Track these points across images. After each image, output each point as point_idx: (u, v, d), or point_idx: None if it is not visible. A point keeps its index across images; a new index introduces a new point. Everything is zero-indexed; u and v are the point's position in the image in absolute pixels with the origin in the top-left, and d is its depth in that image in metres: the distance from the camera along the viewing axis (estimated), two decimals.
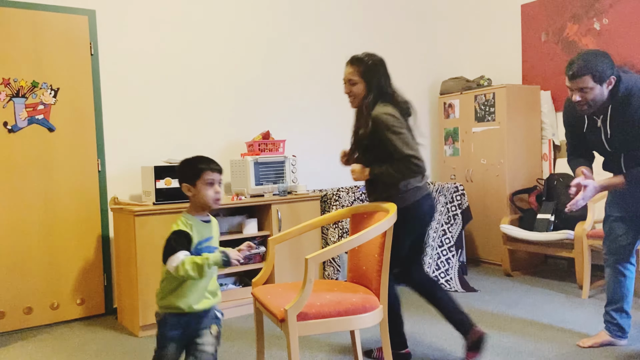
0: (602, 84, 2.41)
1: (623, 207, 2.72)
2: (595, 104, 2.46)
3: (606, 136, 2.56)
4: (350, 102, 2.60)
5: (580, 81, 2.40)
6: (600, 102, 2.46)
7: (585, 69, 2.39)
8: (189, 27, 4.07)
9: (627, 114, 2.44)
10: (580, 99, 2.45)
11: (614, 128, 2.51)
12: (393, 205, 2.35)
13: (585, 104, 2.47)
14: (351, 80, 2.55)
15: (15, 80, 3.46)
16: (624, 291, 2.78)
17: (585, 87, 2.40)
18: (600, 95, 2.43)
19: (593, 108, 2.48)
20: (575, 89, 2.45)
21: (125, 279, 3.45)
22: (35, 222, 3.53)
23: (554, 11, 4.75)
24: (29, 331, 3.46)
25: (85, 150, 3.68)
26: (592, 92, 2.41)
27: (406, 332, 2.87)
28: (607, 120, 2.52)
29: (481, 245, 4.94)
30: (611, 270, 2.81)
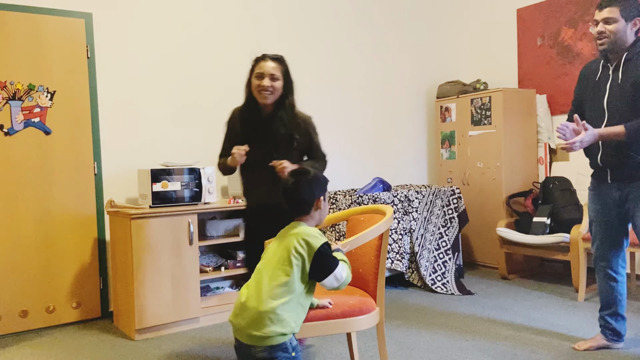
0: (628, 22, 2.48)
1: (602, 210, 2.73)
2: (615, 40, 2.50)
3: (612, 85, 2.55)
4: (266, 97, 2.56)
5: (608, 11, 2.48)
6: (621, 43, 2.51)
7: (614, 1, 2.47)
8: (186, 30, 4.08)
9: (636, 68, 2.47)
10: (604, 29, 2.50)
11: (622, 76, 2.52)
12: (389, 207, 2.35)
13: (606, 37, 2.51)
14: (274, 76, 2.57)
15: (11, 83, 3.45)
16: (617, 295, 2.78)
17: (611, 17, 2.47)
18: (623, 33, 2.49)
19: (613, 44, 2.51)
20: (600, 20, 2.51)
21: (121, 282, 3.44)
22: (31, 225, 3.52)
23: (550, 15, 4.78)
24: (25, 334, 3.44)
25: (82, 153, 3.68)
26: (616, 25, 2.47)
27: (400, 343, 2.86)
28: (619, 67, 2.55)
29: (478, 249, 4.95)
30: (602, 276, 2.81)
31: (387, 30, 5.19)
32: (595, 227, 2.79)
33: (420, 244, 4.20)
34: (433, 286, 4.13)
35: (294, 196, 1.90)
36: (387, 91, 5.19)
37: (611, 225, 2.72)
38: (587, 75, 2.74)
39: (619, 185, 2.63)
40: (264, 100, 2.58)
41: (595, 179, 2.77)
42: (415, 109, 5.40)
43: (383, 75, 5.16)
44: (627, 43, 2.52)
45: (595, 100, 2.65)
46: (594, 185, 2.78)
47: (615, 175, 2.62)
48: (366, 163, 5.04)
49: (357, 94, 5.01)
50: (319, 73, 4.75)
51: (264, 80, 2.54)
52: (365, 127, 5.05)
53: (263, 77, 2.55)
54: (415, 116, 5.39)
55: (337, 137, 4.86)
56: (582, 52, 4.55)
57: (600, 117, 2.61)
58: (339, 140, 4.87)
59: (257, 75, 2.57)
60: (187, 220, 3.41)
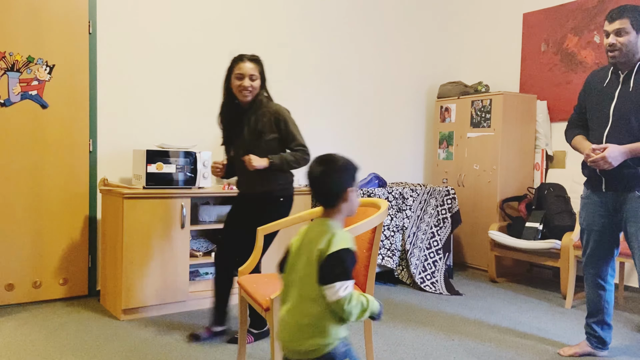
0: (638, 32, 2.48)
1: (595, 219, 2.72)
2: (627, 51, 2.50)
3: (622, 91, 2.55)
4: (246, 96, 2.79)
5: (618, 23, 2.48)
6: (632, 54, 2.51)
7: (625, 12, 2.48)
8: (188, 13, 4.04)
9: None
10: (615, 42, 2.50)
11: (635, 84, 2.51)
12: (384, 201, 2.34)
13: (618, 49, 2.50)
14: (253, 76, 2.77)
15: (10, 54, 3.41)
16: (604, 303, 2.79)
17: (621, 28, 2.48)
18: (634, 44, 2.49)
19: (623, 57, 2.52)
20: (611, 32, 2.51)
21: (110, 261, 3.42)
22: (22, 198, 3.49)
23: (556, 22, 4.77)
24: (9, 308, 3.42)
25: (78, 129, 3.64)
26: (627, 37, 2.48)
27: (386, 339, 2.86)
28: (631, 75, 2.55)
29: (468, 250, 4.96)
30: (591, 284, 2.82)
31: (391, 28, 5.17)
32: (586, 236, 2.79)
33: (411, 242, 4.21)
34: (422, 285, 4.14)
35: (321, 186, 1.64)
36: (387, 88, 5.17)
37: (603, 234, 2.72)
38: (593, 81, 2.74)
39: (613, 195, 2.63)
40: (245, 98, 2.80)
41: (588, 187, 2.76)
42: (415, 107, 5.39)
43: (384, 72, 5.14)
44: (638, 54, 2.53)
45: (600, 106, 2.64)
46: (587, 193, 2.77)
47: (610, 184, 2.62)
48: (363, 158, 5.03)
49: (357, 89, 4.99)
50: (321, 68, 4.73)
51: (245, 81, 2.76)
52: (363, 122, 5.03)
53: (243, 78, 2.76)
54: (415, 115, 5.38)
55: (335, 131, 4.84)
56: (586, 60, 4.54)
57: (605, 122, 2.61)
58: (337, 134, 4.86)
59: (237, 76, 2.77)
60: (180, 204, 3.39)
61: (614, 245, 2.75)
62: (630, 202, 2.56)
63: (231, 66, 2.81)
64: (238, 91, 2.79)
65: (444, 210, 4.42)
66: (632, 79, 2.54)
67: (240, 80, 2.76)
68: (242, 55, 2.81)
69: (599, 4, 4.45)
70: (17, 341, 2.86)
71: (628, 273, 4.11)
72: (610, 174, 2.57)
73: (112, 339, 2.93)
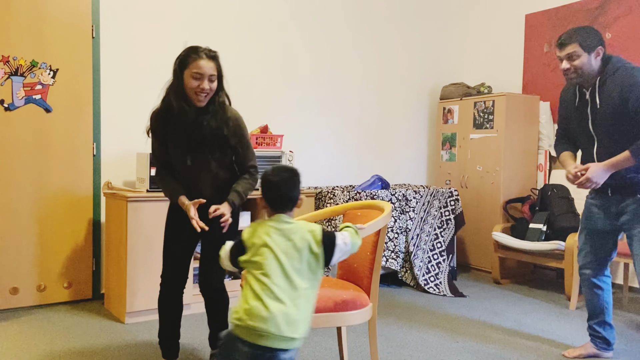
0: (590, 53, 2.52)
1: (597, 220, 2.74)
2: (583, 72, 2.55)
3: (592, 110, 2.59)
4: (202, 100, 2.29)
5: (569, 48, 2.54)
6: (589, 73, 2.56)
7: (573, 37, 2.53)
8: (191, 17, 4.05)
9: (612, 88, 2.51)
10: (569, 66, 2.55)
11: (600, 101, 2.55)
12: (388, 204, 2.34)
13: (573, 72, 2.56)
14: (212, 77, 2.28)
15: (14, 59, 3.43)
16: (603, 304, 2.79)
17: (572, 53, 2.52)
18: (589, 65, 2.53)
19: (582, 77, 2.57)
20: (564, 57, 2.57)
21: (114, 264, 3.43)
22: (27, 202, 3.50)
23: (558, 23, 4.77)
24: (14, 312, 3.43)
25: (81, 133, 3.66)
26: (580, 60, 2.52)
27: (390, 340, 2.86)
28: (595, 92, 2.58)
29: (472, 252, 4.95)
30: (588, 285, 2.82)
31: (394, 29, 5.17)
32: (585, 236, 2.81)
33: (415, 243, 4.20)
34: (426, 286, 4.13)
35: (283, 193, 1.79)
36: (389, 90, 5.18)
37: (604, 236, 2.74)
38: (566, 100, 2.79)
39: (617, 198, 2.65)
40: (200, 103, 2.30)
41: (594, 189, 2.77)
42: (418, 108, 5.39)
43: (387, 73, 5.14)
44: (595, 72, 2.57)
45: (581, 126, 2.68)
46: (593, 195, 2.79)
47: (615, 189, 2.64)
48: (365, 160, 5.04)
49: (359, 90, 4.99)
50: (323, 70, 4.74)
51: (204, 83, 2.25)
52: (366, 124, 5.04)
53: (202, 79, 2.25)
54: (417, 116, 5.38)
55: (338, 132, 4.85)
56: None
57: (591, 141, 2.66)
58: (339, 136, 4.86)
59: (194, 76, 2.25)
60: None
61: (613, 248, 2.77)
62: (632, 205, 2.58)
63: (185, 60, 2.28)
64: (194, 93, 2.27)
65: (447, 211, 4.41)
66: (596, 97, 2.58)
67: (198, 81, 2.25)
68: (198, 49, 2.28)
69: (602, 5, 4.45)
70: (22, 345, 2.86)
71: (632, 274, 4.09)
72: (615, 179, 2.57)
73: (117, 342, 2.93)
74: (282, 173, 1.83)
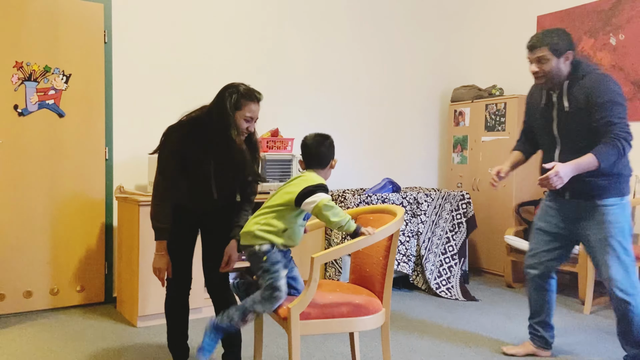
0: (560, 57, 2.51)
1: (551, 222, 2.73)
2: (552, 76, 2.54)
3: (558, 112, 2.59)
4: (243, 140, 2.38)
5: (538, 51, 2.52)
6: (557, 77, 2.55)
7: (543, 41, 2.51)
8: (202, 22, 4.07)
9: (580, 92, 2.50)
10: (538, 69, 2.54)
11: (567, 104, 2.54)
12: (400, 208, 2.33)
13: (542, 76, 2.55)
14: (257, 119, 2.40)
15: (28, 64, 3.46)
16: (546, 304, 2.82)
17: (542, 56, 2.51)
18: (557, 69, 2.52)
19: (550, 81, 2.56)
20: (533, 60, 2.56)
21: (126, 268, 3.44)
22: (40, 206, 3.53)
23: (570, 24, 4.72)
24: (28, 315, 3.46)
25: (94, 137, 3.68)
26: (549, 64, 2.51)
27: (402, 346, 2.84)
28: (562, 95, 2.57)
29: (484, 255, 4.91)
30: (533, 284, 2.82)
31: (404, 32, 5.16)
32: (537, 236, 2.79)
33: (427, 247, 4.18)
34: (437, 290, 4.10)
35: (309, 151, 2.27)
36: (400, 92, 5.16)
37: (557, 240, 2.72)
38: (533, 101, 2.77)
39: (575, 203, 2.63)
40: (241, 142, 2.36)
41: (552, 193, 2.78)
42: (429, 111, 5.36)
43: (397, 76, 5.13)
44: (563, 75, 2.56)
45: (545, 128, 2.67)
46: (550, 198, 2.78)
47: (574, 193, 2.62)
48: (376, 163, 5.02)
49: (370, 93, 4.98)
50: (333, 72, 4.73)
51: (252, 125, 2.37)
52: (376, 127, 5.02)
53: (252, 121, 2.36)
54: (428, 119, 5.36)
55: (348, 136, 4.84)
56: (602, 63, 4.49)
57: (553, 143, 2.65)
58: (350, 139, 4.85)
59: (246, 119, 2.33)
60: None
61: (564, 253, 2.76)
62: (590, 211, 2.57)
63: (239, 102, 2.32)
64: (241, 132, 2.35)
65: (459, 215, 4.38)
66: (563, 99, 2.57)
67: (248, 123, 2.35)
68: (255, 95, 2.35)
69: (615, 6, 4.40)
70: (36, 348, 2.88)
71: None
72: (574, 183, 2.54)
73: (129, 346, 2.94)
74: (315, 136, 2.29)
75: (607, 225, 2.52)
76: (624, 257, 2.51)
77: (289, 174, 3.94)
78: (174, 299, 2.53)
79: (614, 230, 2.51)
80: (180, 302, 2.54)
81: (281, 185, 2.26)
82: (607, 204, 2.53)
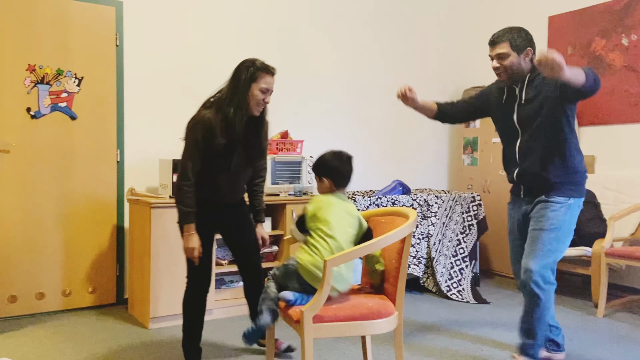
0: (520, 54, 2.52)
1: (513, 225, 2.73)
2: (512, 72, 2.54)
3: (519, 104, 2.59)
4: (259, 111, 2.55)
5: (499, 47, 2.54)
6: (519, 72, 2.55)
7: (503, 37, 2.54)
8: (213, 24, 4.08)
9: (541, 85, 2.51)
10: (499, 65, 2.55)
11: (528, 96, 2.56)
12: (413, 211, 2.32)
13: (503, 72, 2.56)
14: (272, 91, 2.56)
15: (40, 67, 3.48)
16: None
17: (502, 53, 2.52)
18: (518, 65, 2.53)
19: (511, 77, 2.57)
20: (494, 56, 2.57)
21: (137, 270, 3.46)
22: (52, 208, 3.55)
23: (582, 25, 4.69)
24: (40, 316, 3.48)
25: (106, 140, 3.70)
26: (509, 60, 2.52)
27: (414, 349, 2.82)
28: (523, 87, 2.58)
29: (495, 257, 4.88)
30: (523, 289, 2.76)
31: (414, 33, 5.14)
32: (511, 243, 2.80)
33: (437, 249, 4.16)
34: (448, 293, 4.08)
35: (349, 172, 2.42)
36: None
37: (523, 239, 2.70)
38: (492, 95, 2.77)
39: (528, 200, 2.65)
40: (257, 113, 2.55)
41: (511, 193, 2.79)
42: None
43: (407, 77, 5.11)
44: (524, 71, 2.57)
45: (505, 122, 2.68)
46: (511, 199, 2.80)
47: (527, 190, 2.65)
48: (386, 165, 5.01)
49: (379, 94, 4.97)
50: (343, 74, 4.73)
51: (268, 97, 2.52)
52: (386, 129, 5.01)
53: (267, 93, 2.51)
54: None
55: (357, 137, 4.83)
56: (614, 63, 4.45)
57: (515, 136, 2.65)
58: (359, 141, 4.84)
59: (262, 90, 2.49)
60: None
61: None
62: (537, 205, 2.59)
63: (254, 74, 2.48)
64: (256, 104, 2.50)
65: (469, 217, 4.36)
66: (524, 91, 2.58)
67: (264, 95, 2.50)
68: (267, 66, 2.53)
69: (627, 6, 4.36)
70: (48, 350, 2.90)
71: None
72: (527, 180, 2.61)
73: (141, 348, 2.95)
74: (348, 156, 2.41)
75: (545, 220, 2.52)
76: (549, 254, 2.50)
77: (299, 176, 3.94)
78: (194, 298, 2.60)
79: (549, 226, 2.51)
80: (199, 301, 2.61)
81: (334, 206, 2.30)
82: (553, 201, 2.53)
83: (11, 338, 3.07)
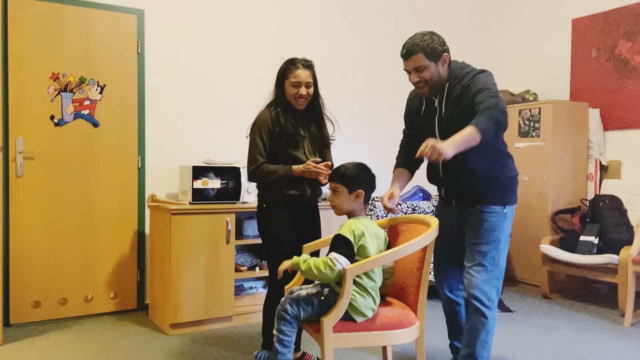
0: (437, 62, 2.36)
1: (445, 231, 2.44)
2: (433, 83, 2.38)
3: (440, 116, 2.43)
4: (302, 104, 2.65)
5: (414, 60, 2.34)
6: (439, 82, 2.39)
7: (416, 47, 2.33)
8: (233, 32, 4.10)
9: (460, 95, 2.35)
10: (418, 79, 2.38)
11: (447, 107, 2.40)
12: (434, 219, 2.28)
13: (424, 85, 2.38)
14: (309, 83, 2.62)
15: (64, 75, 3.54)
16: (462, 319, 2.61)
17: (419, 65, 2.34)
18: (437, 74, 2.37)
19: (433, 89, 2.40)
20: (411, 70, 2.39)
21: (158, 276, 3.47)
22: (74, 214, 3.59)
23: (606, 27, 4.59)
24: (63, 322, 3.51)
25: (127, 147, 3.73)
26: (428, 71, 2.35)
27: (435, 359, 2.77)
28: (443, 99, 2.42)
29: (518, 265, 4.79)
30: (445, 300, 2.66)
31: None
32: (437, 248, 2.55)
33: None
34: None
35: None
36: None
37: (452, 247, 2.56)
38: (413, 107, 2.64)
39: (460, 209, 2.50)
40: (301, 107, 2.66)
41: (441, 200, 2.67)
42: None
43: None
44: (444, 80, 2.40)
45: (427, 132, 2.48)
46: (440, 205, 2.68)
47: (459, 199, 2.52)
48: None
49: (399, 99, 4.90)
50: (360, 76, 4.70)
51: (302, 90, 2.60)
52: None
53: (300, 86, 2.59)
54: None
55: (378, 142, 4.79)
56: (639, 66, 4.35)
57: None
58: (379, 145, 4.81)
59: (293, 84, 2.60)
60: (226, 219, 3.41)
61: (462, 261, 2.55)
62: (471, 216, 2.44)
63: (285, 71, 2.63)
64: (294, 99, 2.62)
65: None
66: (443, 104, 2.42)
67: (297, 88, 2.59)
68: (295, 60, 2.63)
69: None
70: (71, 355, 2.92)
71: None
72: (458, 194, 2.49)
73: (163, 353, 2.96)
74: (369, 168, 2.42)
75: (482, 232, 2.39)
76: (491, 268, 2.38)
77: None
78: (276, 297, 2.50)
79: (487, 238, 2.38)
80: None
81: None
82: (487, 210, 2.39)
83: (35, 343, 3.11)
